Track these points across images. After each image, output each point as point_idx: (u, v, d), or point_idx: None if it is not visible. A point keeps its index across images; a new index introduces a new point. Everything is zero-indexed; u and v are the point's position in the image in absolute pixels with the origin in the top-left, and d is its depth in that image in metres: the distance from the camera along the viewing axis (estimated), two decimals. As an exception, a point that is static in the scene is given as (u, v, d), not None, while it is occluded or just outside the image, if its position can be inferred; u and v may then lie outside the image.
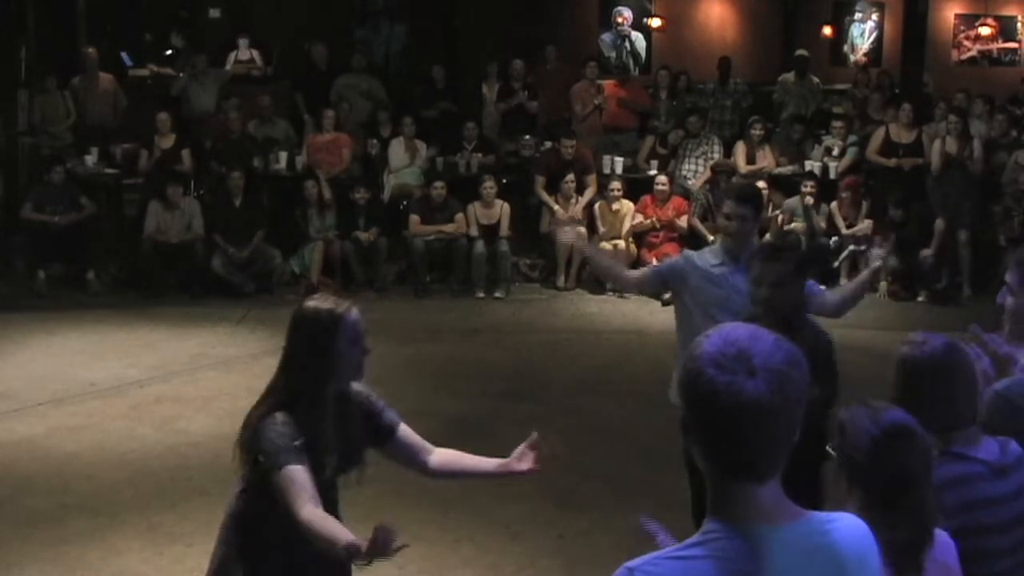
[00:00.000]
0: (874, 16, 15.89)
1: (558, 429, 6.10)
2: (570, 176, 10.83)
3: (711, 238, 10.18)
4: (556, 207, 10.89)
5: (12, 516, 5.49)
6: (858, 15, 15.97)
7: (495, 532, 5.36)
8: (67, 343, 8.64)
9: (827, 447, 2.46)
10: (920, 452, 2.36)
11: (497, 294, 10.35)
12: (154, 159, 11.07)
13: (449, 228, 10.52)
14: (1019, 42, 15.82)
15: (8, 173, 11.46)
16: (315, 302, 3.21)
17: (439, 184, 10.69)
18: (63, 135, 11.47)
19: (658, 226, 10.70)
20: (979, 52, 15.81)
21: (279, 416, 3.03)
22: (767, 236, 10.77)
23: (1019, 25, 15.83)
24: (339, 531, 2.80)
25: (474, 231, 10.54)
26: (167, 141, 11.11)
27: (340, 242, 10.46)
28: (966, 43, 15.81)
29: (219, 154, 11.17)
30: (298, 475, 2.92)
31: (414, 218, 10.57)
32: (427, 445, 3.35)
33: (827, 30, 15.71)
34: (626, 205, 10.77)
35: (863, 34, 15.94)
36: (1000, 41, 15.81)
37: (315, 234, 10.45)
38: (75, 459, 6.24)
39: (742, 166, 11.20)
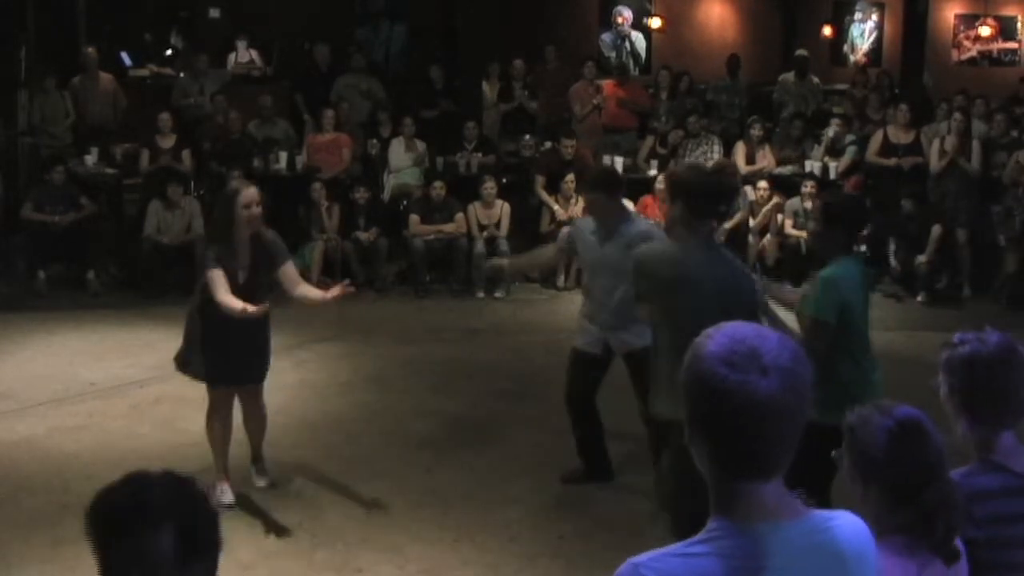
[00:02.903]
0: (874, 16, 15.91)
1: (558, 429, 6.10)
2: (570, 176, 10.83)
3: None
4: (556, 207, 10.90)
5: (12, 516, 5.49)
6: (858, 15, 15.99)
7: (495, 532, 5.36)
8: (67, 343, 8.63)
9: (832, 453, 2.45)
10: (934, 445, 2.36)
11: (497, 294, 10.35)
12: (154, 159, 11.07)
13: (449, 228, 10.52)
14: (1019, 42, 15.84)
15: (8, 173, 11.45)
16: (232, 183, 5.86)
17: (439, 184, 10.69)
18: (63, 135, 11.46)
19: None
20: (979, 52, 15.83)
21: (211, 249, 5.50)
22: (767, 238, 10.79)
23: (1019, 25, 15.85)
24: (237, 304, 5.17)
25: (475, 231, 10.55)
26: (167, 141, 11.11)
27: (340, 242, 10.46)
28: (966, 43, 15.82)
29: (219, 154, 11.17)
30: (216, 276, 5.32)
31: (414, 218, 10.56)
32: (299, 281, 5.67)
33: (827, 30, 15.73)
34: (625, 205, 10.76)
35: (863, 34, 15.96)
36: (1000, 41, 15.83)
37: (318, 235, 10.44)
38: (75, 459, 6.23)
39: (742, 166, 11.20)
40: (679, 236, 4.35)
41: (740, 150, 11.47)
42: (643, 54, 15.61)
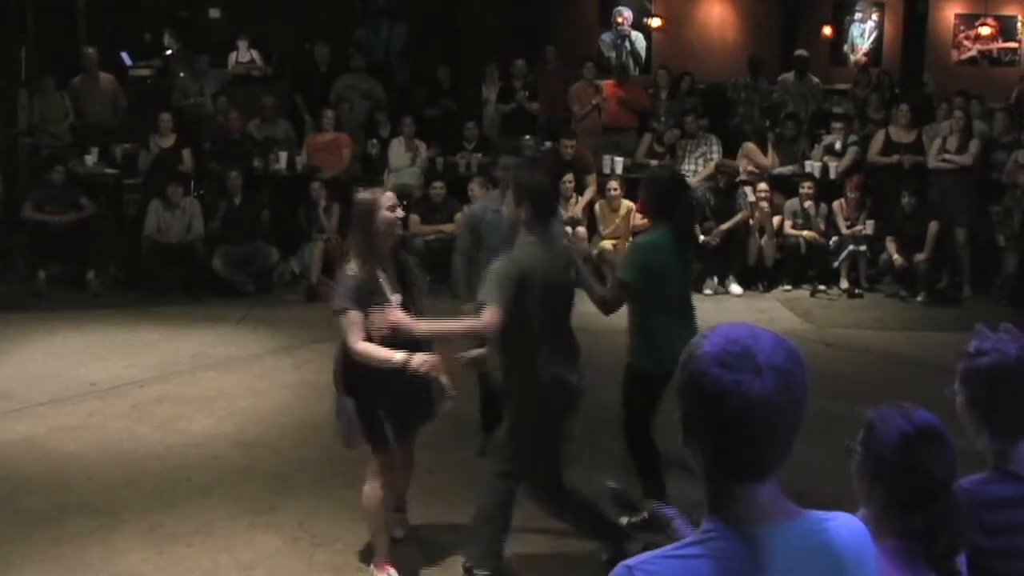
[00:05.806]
0: (874, 16, 15.90)
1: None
2: (569, 176, 10.83)
3: (702, 238, 10.17)
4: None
5: (12, 516, 5.49)
6: (858, 15, 15.97)
7: (495, 532, 5.35)
8: (67, 343, 8.64)
9: (847, 444, 2.41)
10: (947, 457, 2.32)
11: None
12: (153, 158, 11.07)
13: (449, 228, 10.52)
14: (1019, 42, 15.82)
15: (8, 173, 11.46)
16: (362, 193, 4.65)
17: (438, 184, 10.69)
18: (62, 135, 11.47)
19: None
20: (979, 52, 15.81)
21: (349, 266, 4.48)
22: (764, 239, 10.78)
23: (1019, 25, 15.84)
24: (386, 353, 4.30)
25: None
26: (167, 141, 11.12)
27: (340, 242, 10.46)
28: (966, 43, 15.81)
29: (219, 154, 11.18)
30: (352, 317, 4.36)
31: (414, 218, 10.56)
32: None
33: (827, 30, 15.72)
34: (626, 205, 10.78)
35: (863, 34, 15.95)
36: (1000, 41, 15.81)
37: (317, 235, 10.44)
38: (75, 459, 6.24)
39: (764, 161, 11.21)
40: (523, 236, 4.68)
41: (748, 150, 11.43)
42: (643, 54, 15.60)
